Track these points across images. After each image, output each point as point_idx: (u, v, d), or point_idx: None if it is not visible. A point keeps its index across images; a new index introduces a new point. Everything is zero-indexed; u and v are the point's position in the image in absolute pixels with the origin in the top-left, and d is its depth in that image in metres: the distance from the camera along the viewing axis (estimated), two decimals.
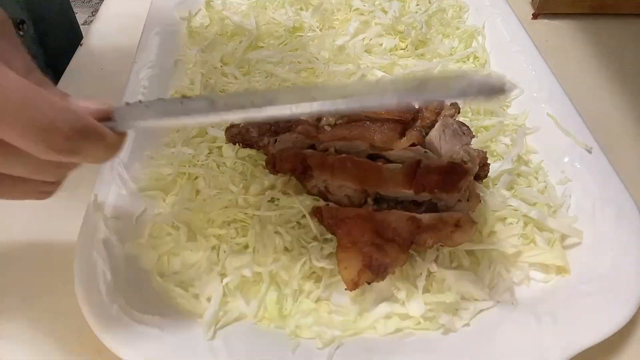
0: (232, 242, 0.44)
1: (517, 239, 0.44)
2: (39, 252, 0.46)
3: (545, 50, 0.59)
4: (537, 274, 0.43)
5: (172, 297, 0.41)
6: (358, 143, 0.46)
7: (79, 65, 0.66)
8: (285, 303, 0.41)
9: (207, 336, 0.38)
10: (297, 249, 0.43)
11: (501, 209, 0.45)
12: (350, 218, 0.40)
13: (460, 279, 0.41)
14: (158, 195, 0.47)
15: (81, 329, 0.39)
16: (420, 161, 0.42)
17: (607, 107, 0.60)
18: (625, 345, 0.40)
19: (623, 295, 0.39)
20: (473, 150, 0.46)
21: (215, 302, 0.39)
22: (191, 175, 0.49)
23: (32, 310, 0.42)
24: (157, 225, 0.45)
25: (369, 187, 0.42)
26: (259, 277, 0.41)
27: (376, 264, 0.38)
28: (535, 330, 0.38)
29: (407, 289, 0.41)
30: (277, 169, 0.45)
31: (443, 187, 0.41)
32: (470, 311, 0.40)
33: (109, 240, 0.42)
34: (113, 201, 0.45)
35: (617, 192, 0.45)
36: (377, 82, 0.29)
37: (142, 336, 0.37)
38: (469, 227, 0.41)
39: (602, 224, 0.44)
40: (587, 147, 0.49)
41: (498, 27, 0.65)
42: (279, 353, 0.38)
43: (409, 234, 0.40)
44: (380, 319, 0.40)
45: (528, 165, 0.50)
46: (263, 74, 0.60)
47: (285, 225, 0.44)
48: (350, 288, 0.38)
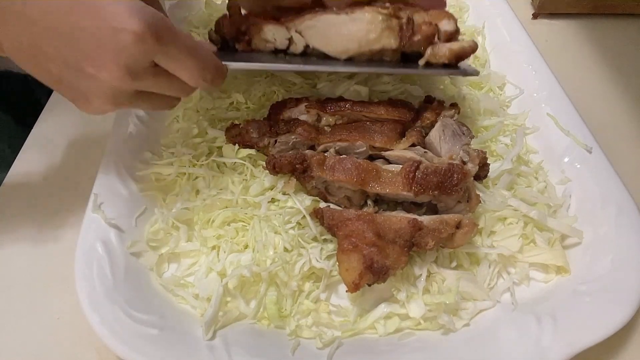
0: (232, 242, 0.44)
1: (517, 239, 0.44)
2: (39, 252, 0.46)
3: (545, 50, 0.59)
4: (537, 274, 0.43)
5: (172, 297, 0.41)
6: (358, 144, 0.46)
7: None
8: (285, 303, 0.41)
9: (207, 336, 0.38)
10: (296, 250, 0.43)
11: (501, 209, 0.45)
12: (351, 220, 0.40)
13: (460, 280, 0.41)
14: (158, 195, 0.47)
15: (81, 329, 0.39)
16: (419, 164, 0.42)
17: (607, 107, 0.60)
18: (625, 345, 0.40)
19: (623, 295, 0.39)
20: (473, 151, 0.46)
21: (215, 302, 0.39)
22: (191, 175, 0.49)
23: (32, 310, 0.42)
24: (157, 225, 0.45)
25: (369, 188, 0.42)
26: (258, 278, 0.41)
27: (377, 266, 0.38)
28: (535, 330, 0.38)
29: (407, 289, 0.41)
30: (277, 169, 0.45)
31: (442, 189, 0.41)
32: (470, 311, 0.40)
33: (109, 240, 0.42)
34: (113, 201, 0.45)
35: (617, 192, 0.45)
36: None
37: (142, 336, 0.37)
38: (469, 229, 0.41)
39: (602, 224, 0.44)
40: (587, 147, 0.49)
41: (498, 27, 0.65)
42: (279, 353, 0.38)
43: (410, 236, 0.40)
44: (380, 319, 0.40)
45: (528, 165, 0.50)
46: (264, 73, 0.60)
47: (285, 226, 0.44)
48: (352, 290, 0.38)
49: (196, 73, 0.39)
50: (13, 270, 0.45)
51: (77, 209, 0.44)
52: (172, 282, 0.42)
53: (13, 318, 0.42)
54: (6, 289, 0.44)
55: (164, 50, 0.36)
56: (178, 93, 0.42)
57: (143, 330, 0.37)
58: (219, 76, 0.42)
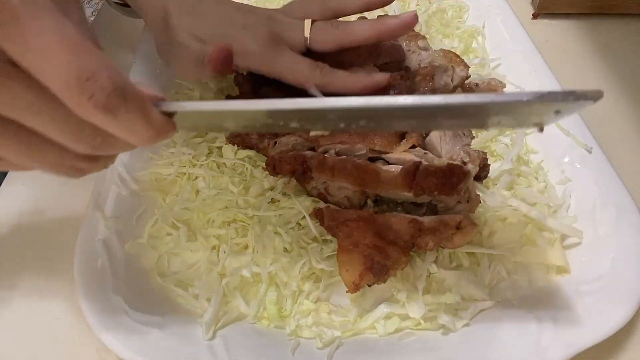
0: (232, 243, 0.44)
1: (517, 239, 0.44)
2: (39, 252, 0.46)
3: (545, 50, 0.59)
4: (537, 274, 0.43)
5: (172, 297, 0.41)
6: (358, 147, 0.46)
7: None
8: (285, 303, 0.41)
9: (207, 336, 0.38)
10: (296, 250, 0.43)
11: (501, 209, 0.45)
12: (352, 220, 0.40)
13: (460, 280, 0.41)
14: (158, 195, 0.47)
15: (81, 329, 0.39)
16: (419, 164, 0.42)
17: (607, 107, 0.60)
18: (625, 345, 0.40)
19: (623, 295, 0.39)
20: (473, 151, 0.46)
21: (215, 302, 0.39)
22: (191, 175, 0.49)
23: (32, 311, 0.42)
24: (157, 225, 0.45)
25: (369, 189, 0.42)
26: (258, 278, 0.41)
27: (377, 266, 0.38)
28: (535, 330, 0.38)
29: (407, 290, 0.41)
30: (277, 170, 0.45)
31: (442, 189, 0.41)
32: (470, 311, 0.40)
33: (109, 240, 0.42)
34: (113, 201, 0.45)
35: (617, 192, 0.45)
36: None
37: (142, 336, 0.37)
38: (469, 230, 0.41)
39: (602, 224, 0.44)
40: (587, 147, 0.49)
41: (498, 27, 0.65)
42: (279, 353, 0.38)
43: (410, 237, 0.40)
44: (380, 319, 0.40)
45: (528, 165, 0.50)
46: None
47: (285, 226, 0.44)
48: (352, 291, 0.38)
49: (74, 83, 0.24)
50: (13, 270, 0.45)
51: (77, 209, 0.44)
52: (172, 282, 0.42)
53: (12, 318, 0.42)
54: (6, 289, 0.44)
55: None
56: (69, 134, 0.26)
57: (143, 330, 0.37)
58: (129, 106, 0.25)
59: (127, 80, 0.25)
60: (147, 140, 0.26)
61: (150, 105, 0.26)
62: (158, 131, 0.26)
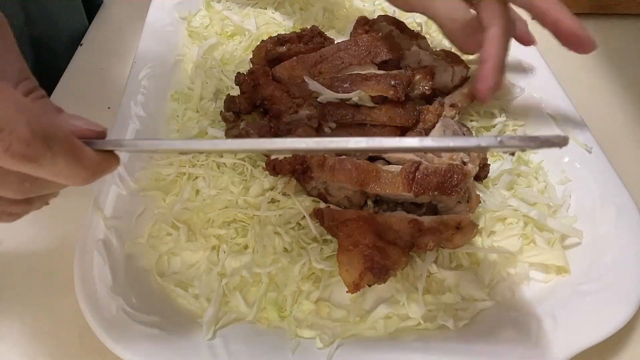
0: (232, 243, 0.44)
1: (517, 239, 0.44)
2: (39, 252, 0.46)
3: (545, 50, 0.59)
4: (537, 274, 0.43)
5: (172, 297, 0.41)
6: None
7: (79, 65, 0.66)
8: (285, 304, 0.41)
9: (207, 336, 0.38)
10: (296, 250, 0.43)
11: (501, 209, 0.45)
12: (352, 220, 0.40)
13: (460, 280, 0.41)
14: (158, 195, 0.47)
15: (81, 329, 0.39)
16: (419, 163, 0.42)
17: (607, 107, 0.60)
18: (625, 345, 0.40)
19: (623, 295, 0.39)
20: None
21: (215, 302, 0.39)
22: (191, 175, 0.49)
23: (33, 311, 0.42)
24: (157, 225, 0.45)
25: (369, 189, 0.42)
26: (258, 278, 0.41)
27: (378, 266, 0.38)
28: (535, 330, 0.38)
29: (407, 290, 0.41)
30: (277, 170, 0.45)
31: (442, 190, 0.41)
32: (470, 311, 0.40)
33: (109, 240, 0.42)
34: (113, 201, 0.45)
35: (617, 192, 0.45)
36: None
37: (142, 336, 0.37)
38: (469, 230, 0.41)
39: (602, 224, 0.44)
40: (587, 147, 0.49)
41: None
42: (279, 353, 0.38)
43: (410, 237, 0.40)
44: (380, 319, 0.40)
45: (528, 165, 0.50)
46: None
47: (285, 226, 0.44)
48: (352, 291, 0.38)
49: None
50: (12, 270, 0.45)
51: (77, 209, 0.44)
52: (172, 282, 0.42)
53: (12, 318, 0.42)
54: (6, 289, 0.43)
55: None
56: None
57: (143, 330, 0.37)
58: (53, 152, 0.23)
59: (54, 123, 0.23)
60: (83, 181, 0.25)
61: (82, 146, 0.24)
62: (94, 171, 0.25)
